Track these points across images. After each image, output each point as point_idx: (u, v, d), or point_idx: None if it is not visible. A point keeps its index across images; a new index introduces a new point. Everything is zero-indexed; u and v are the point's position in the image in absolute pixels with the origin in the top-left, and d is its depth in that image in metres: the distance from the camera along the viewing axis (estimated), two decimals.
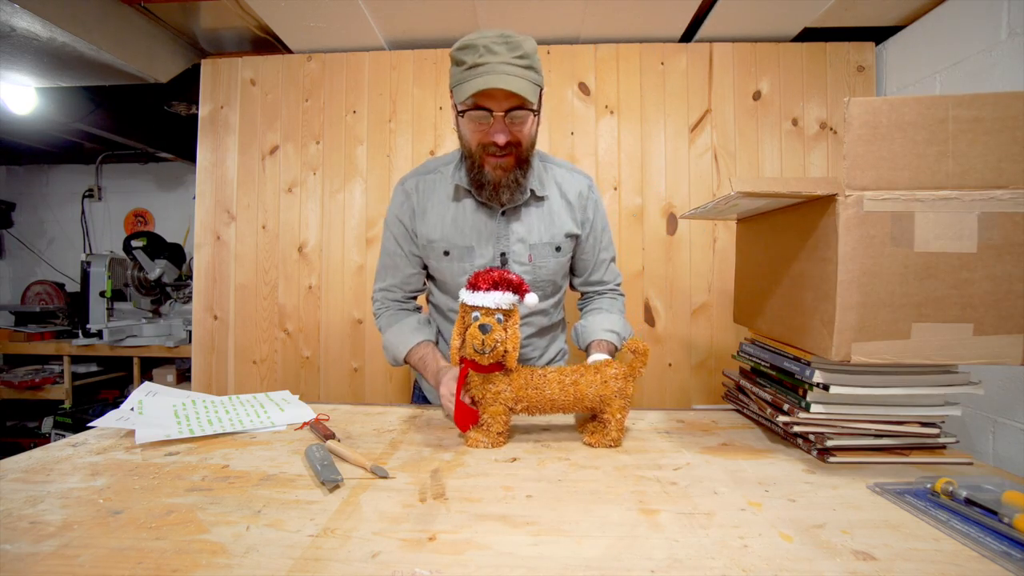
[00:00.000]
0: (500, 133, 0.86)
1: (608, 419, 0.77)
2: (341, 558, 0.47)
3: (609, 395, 0.76)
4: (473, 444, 0.76)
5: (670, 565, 0.46)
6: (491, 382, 0.76)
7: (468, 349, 0.73)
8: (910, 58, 1.47)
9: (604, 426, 0.77)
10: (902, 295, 0.64)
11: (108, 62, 1.55)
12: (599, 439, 0.77)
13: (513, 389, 0.76)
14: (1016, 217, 0.62)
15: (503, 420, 0.77)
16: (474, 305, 0.74)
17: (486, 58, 0.81)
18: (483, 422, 0.77)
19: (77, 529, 0.51)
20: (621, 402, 0.77)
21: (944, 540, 0.50)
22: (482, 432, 0.77)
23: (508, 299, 0.74)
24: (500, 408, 0.76)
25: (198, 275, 1.77)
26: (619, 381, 0.77)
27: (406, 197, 1.01)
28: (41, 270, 3.06)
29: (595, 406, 0.77)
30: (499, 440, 0.77)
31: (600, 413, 0.78)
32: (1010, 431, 1.09)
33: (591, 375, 0.77)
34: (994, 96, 0.62)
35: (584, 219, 1.02)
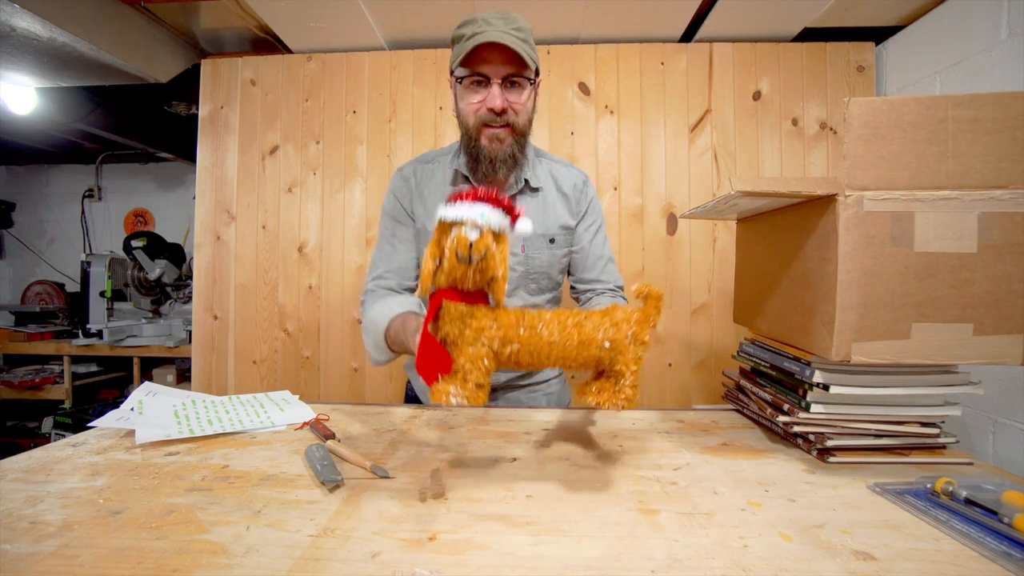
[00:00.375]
0: (496, 98, 0.86)
1: (621, 371, 0.60)
2: (341, 558, 0.47)
3: (621, 340, 0.60)
4: (441, 398, 0.56)
5: (670, 565, 0.46)
6: (472, 316, 0.58)
7: (448, 259, 0.56)
8: (910, 58, 1.47)
9: (615, 380, 0.61)
10: (902, 295, 0.64)
11: (108, 62, 1.56)
12: (609, 397, 0.60)
13: (500, 327, 0.58)
14: (1016, 217, 0.62)
15: (484, 368, 0.57)
16: (455, 220, 0.57)
17: (483, 28, 0.84)
18: (458, 369, 0.57)
19: (77, 529, 0.51)
20: (636, 349, 0.61)
21: (944, 540, 0.50)
22: (456, 382, 0.57)
23: (497, 217, 0.58)
24: (482, 350, 0.57)
25: (198, 275, 1.77)
26: (632, 325, 0.61)
27: (404, 181, 1.01)
28: (41, 270, 3.07)
29: (603, 355, 0.61)
30: (477, 395, 0.57)
31: (610, 365, 0.61)
32: (1010, 431, 1.10)
33: (598, 317, 0.61)
34: (994, 96, 0.62)
35: (578, 211, 1.02)
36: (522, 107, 0.89)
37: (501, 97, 0.86)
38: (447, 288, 0.59)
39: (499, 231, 0.58)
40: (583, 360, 0.61)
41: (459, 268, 0.56)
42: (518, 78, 0.87)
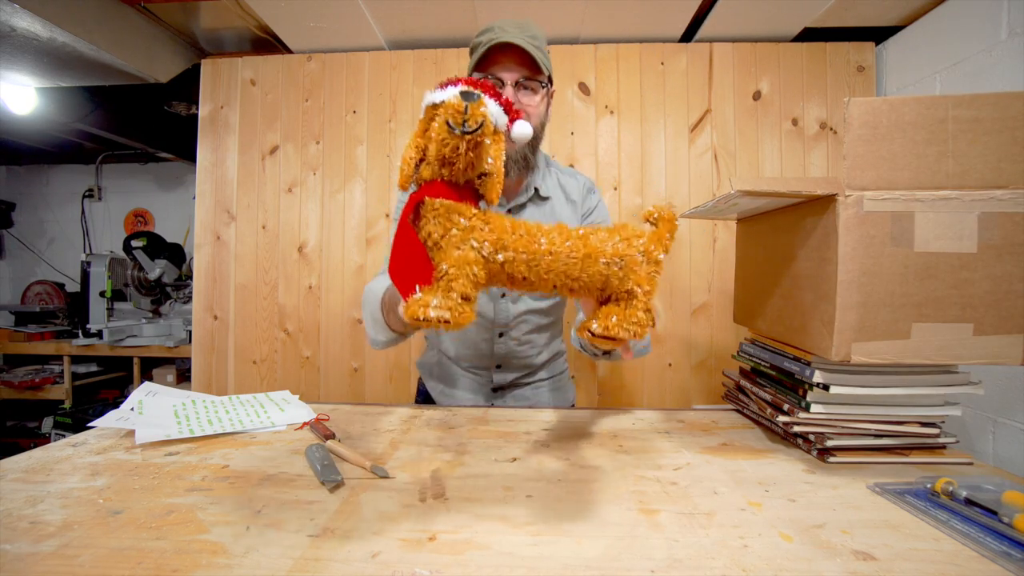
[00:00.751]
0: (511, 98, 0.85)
1: (633, 291, 0.52)
2: (341, 558, 0.47)
3: (632, 255, 0.52)
4: (418, 311, 0.45)
5: (670, 565, 0.46)
6: (460, 212, 0.49)
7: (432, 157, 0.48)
8: (910, 58, 1.47)
9: (626, 304, 0.52)
10: (902, 295, 0.64)
11: (108, 62, 1.56)
12: (620, 321, 0.51)
13: (493, 228, 0.50)
14: (1016, 217, 0.62)
15: (472, 276, 0.48)
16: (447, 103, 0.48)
17: (498, 33, 0.86)
18: (440, 275, 0.48)
19: (77, 529, 0.51)
20: (649, 268, 0.53)
21: (944, 540, 0.50)
22: (437, 292, 0.47)
23: (495, 110, 0.50)
24: (471, 254, 0.48)
25: (198, 275, 1.77)
26: (644, 242, 0.54)
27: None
28: (41, 270, 3.07)
29: (611, 272, 0.52)
30: (463, 309, 0.46)
31: (620, 285, 0.53)
32: (1010, 431, 1.10)
33: (605, 232, 0.53)
34: (994, 96, 0.62)
35: (585, 212, 1.03)
36: (535, 110, 0.90)
37: (514, 98, 0.87)
38: (431, 182, 0.50)
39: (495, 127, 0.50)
40: (588, 277, 0.51)
41: (449, 143, 0.47)
42: (531, 81, 0.88)
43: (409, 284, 0.49)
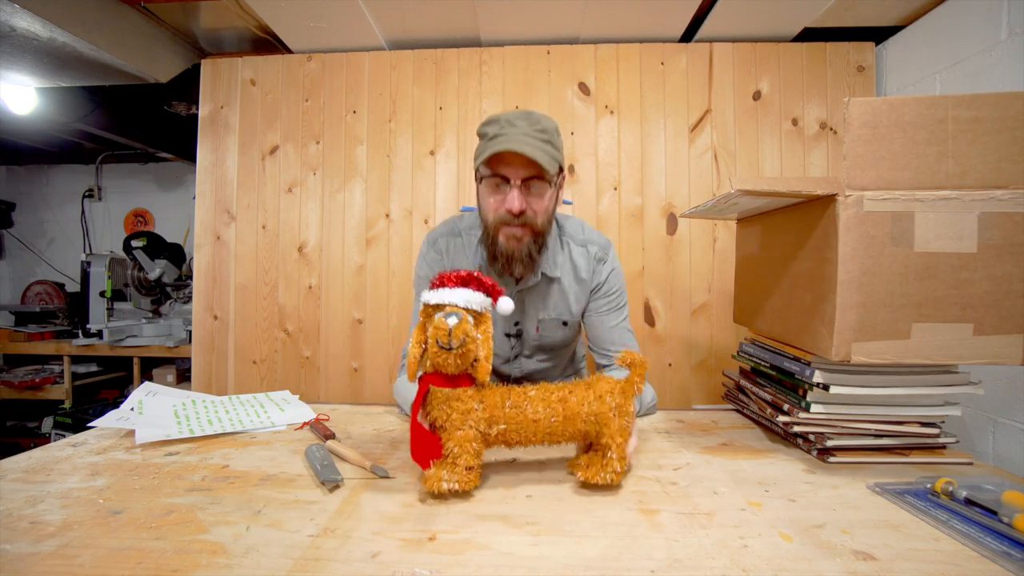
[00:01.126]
0: (515, 201, 0.86)
1: (607, 444, 0.61)
2: (341, 558, 0.47)
3: (605, 412, 0.62)
4: (433, 486, 0.58)
5: (670, 565, 0.46)
6: (458, 399, 0.60)
7: (431, 348, 0.59)
8: (910, 58, 1.47)
9: (602, 455, 0.62)
10: (902, 295, 0.64)
11: (108, 62, 1.55)
12: (596, 472, 0.61)
13: (486, 408, 0.61)
14: (1016, 217, 0.62)
15: (474, 450, 0.60)
16: (439, 304, 0.60)
17: (506, 130, 0.85)
18: (447, 453, 0.59)
19: (77, 529, 0.51)
20: (621, 422, 0.62)
21: (944, 540, 0.50)
22: (446, 467, 0.59)
23: (479, 299, 0.61)
24: (470, 433, 0.59)
25: (198, 275, 1.77)
26: (616, 396, 0.63)
27: (439, 256, 1.03)
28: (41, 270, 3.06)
29: (589, 428, 0.62)
30: (468, 478, 0.59)
31: (596, 439, 0.63)
32: (1010, 431, 1.09)
33: (582, 391, 0.63)
34: (994, 96, 0.62)
35: (595, 287, 1.01)
36: (541, 208, 0.89)
37: (520, 200, 0.86)
38: (433, 373, 0.61)
39: (482, 311, 0.62)
40: (570, 434, 0.63)
41: (441, 354, 0.59)
42: (538, 182, 0.87)
43: (425, 459, 0.61)
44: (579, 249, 1.02)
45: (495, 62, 1.70)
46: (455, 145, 1.71)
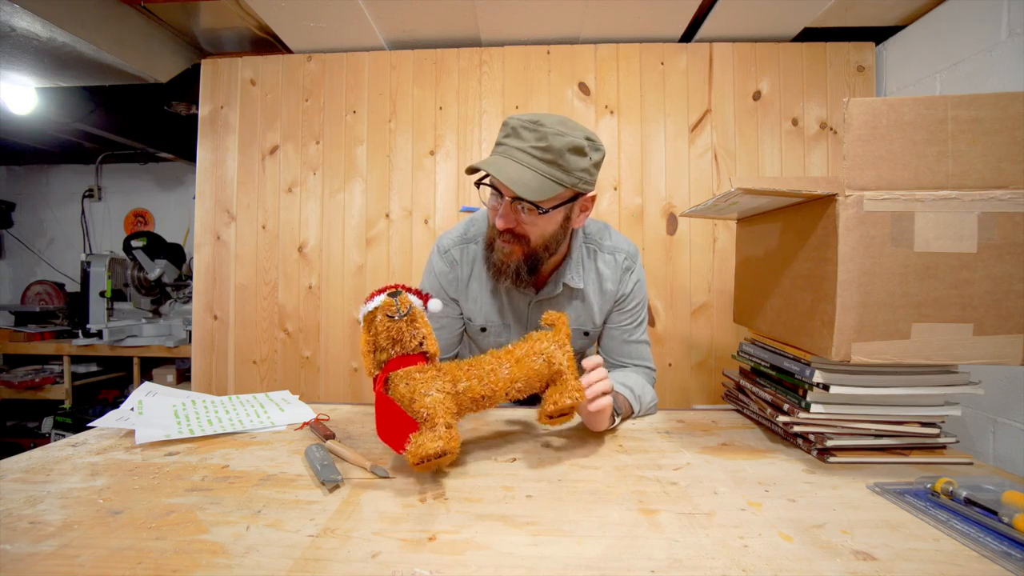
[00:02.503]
0: (501, 218, 0.81)
1: (560, 370, 0.69)
2: (341, 558, 0.47)
3: (550, 348, 0.69)
4: (419, 451, 0.57)
5: (670, 565, 0.46)
6: (418, 370, 0.65)
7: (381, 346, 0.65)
8: (910, 58, 1.47)
9: (560, 385, 0.68)
10: (902, 295, 0.64)
11: (108, 62, 1.55)
12: (560, 395, 0.67)
13: (446, 371, 0.66)
14: (1016, 217, 0.62)
15: (447, 407, 0.62)
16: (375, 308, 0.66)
17: (506, 141, 0.79)
18: (422, 419, 0.61)
19: (77, 529, 0.51)
20: (564, 351, 0.70)
21: (944, 540, 0.50)
22: (426, 432, 0.60)
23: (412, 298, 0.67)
24: (439, 395, 0.62)
25: (198, 275, 1.77)
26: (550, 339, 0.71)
27: (450, 267, 0.99)
28: (41, 270, 3.06)
29: (540, 368, 0.69)
30: (451, 436, 0.60)
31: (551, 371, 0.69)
32: (1010, 431, 1.09)
33: (521, 342, 0.72)
34: (993, 96, 0.62)
35: (619, 297, 0.98)
36: (532, 230, 0.83)
37: (506, 219, 0.81)
38: (389, 361, 0.66)
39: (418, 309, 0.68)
40: (528, 377, 0.69)
41: (393, 327, 0.64)
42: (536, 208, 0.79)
43: (399, 440, 0.61)
44: (607, 257, 0.96)
45: (495, 62, 1.70)
46: (455, 145, 1.71)
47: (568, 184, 0.79)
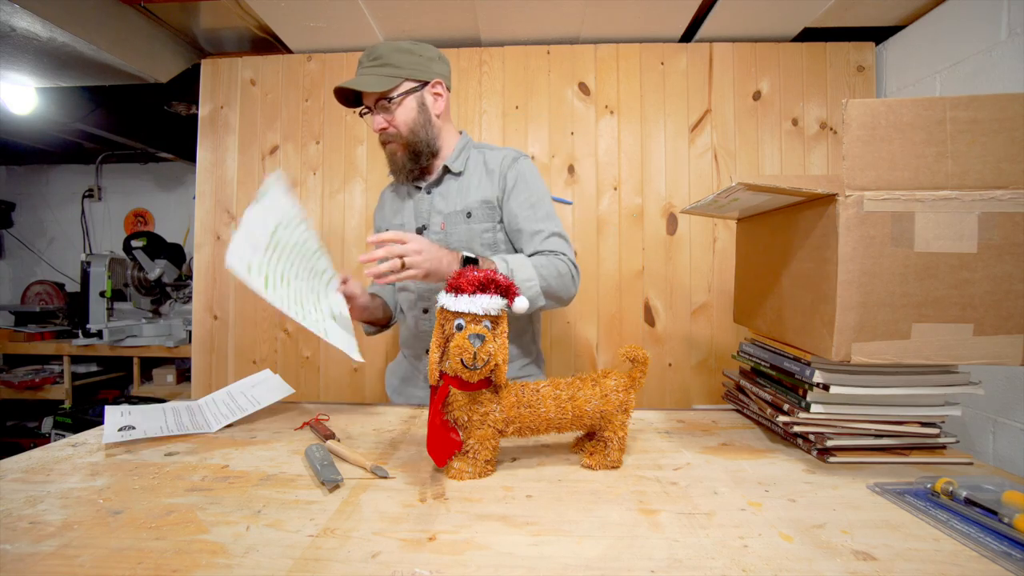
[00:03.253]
0: (374, 124, 1.01)
1: (610, 437, 0.68)
2: (341, 558, 0.47)
3: (611, 410, 0.68)
4: (457, 476, 0.65)
5: (670, 565, 0.46)
6: (478, 402, 0.65)
7: (453, 363, 0.62)
8: (910, 58, 1.47)
9: (604, 445, 0.69)
10: (902, 295, 0.64)
11: (108, 62, 1.55)
12: (599, 460, 0.68)
13: (503, 408, 0.66)
14: (1016, 217, 0.62)
15: (492, 446, 0.66)
16: (457, 311, 0.62)
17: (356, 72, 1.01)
18: (468, 449, 0.66)
19: (77, 529, 0.51)
20: (623, 418, 0.69)
21: (944, 540, 0.50)
22: (467, 461, 0.66)
23: (497, 303, 0.63)
24: (489, 431, 0.65)
25: (198, 275, 1.77)
26: (620, 394, 0.68)
27: (380, 198, 1.21)
28: (41, 270, 3.07)
29: (595, 423, 0.68)
30: (487, 469, 0.66)
31: (600, 431, 0.69)
32: (1010, 431, 1.09)
33: (589, 388, 0.68)
34: (991, 98, 0.62)
35: (504, 185, 1.05)
36: (396, 121, 1.00)
37: (376, 120, 1.00)
38: (455, 377, 0.64)
39: (498, 314, 0.64)
40: (578, 427, 0.70)
41: (465, 372, 0.62)
42: (382, 102, 0.99)
43: (443, 457, 0.64)
44: (494, 154, 1.08)
45: (495, 62, 1.70)
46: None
47: (402, 76, 0.99)
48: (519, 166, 1.06)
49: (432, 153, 1.06)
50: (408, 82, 1.00)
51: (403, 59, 1.00)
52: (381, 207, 1.19)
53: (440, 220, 1.06)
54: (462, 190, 1.06)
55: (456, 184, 1.07)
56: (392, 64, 0.99)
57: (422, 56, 1.02)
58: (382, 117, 1.00)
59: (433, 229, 1.06)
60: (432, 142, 1.05)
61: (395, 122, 1.00)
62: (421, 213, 1.08)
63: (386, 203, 1.18)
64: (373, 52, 0.99)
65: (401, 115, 1.00)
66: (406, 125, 1.01)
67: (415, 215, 1.09)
